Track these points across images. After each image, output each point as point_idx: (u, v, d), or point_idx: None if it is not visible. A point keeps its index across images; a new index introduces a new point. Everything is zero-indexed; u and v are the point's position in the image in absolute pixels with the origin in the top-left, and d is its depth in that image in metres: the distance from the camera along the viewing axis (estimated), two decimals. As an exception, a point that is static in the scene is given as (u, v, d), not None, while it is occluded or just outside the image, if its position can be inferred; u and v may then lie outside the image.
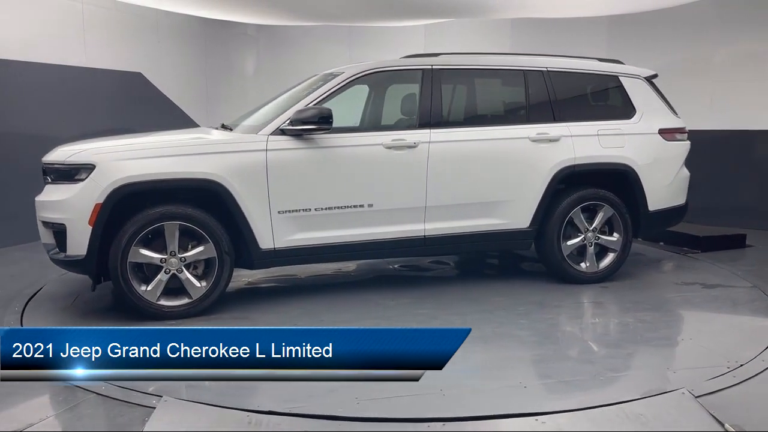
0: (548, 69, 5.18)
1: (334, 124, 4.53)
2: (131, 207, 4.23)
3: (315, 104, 4.58)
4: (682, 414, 2.97)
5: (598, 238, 5.15)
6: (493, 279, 5.70)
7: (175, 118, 8.61)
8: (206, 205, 4.36)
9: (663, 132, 5.29)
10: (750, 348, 3.76)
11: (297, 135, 4.49)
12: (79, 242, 4.15)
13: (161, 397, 3.09)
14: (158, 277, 4.27)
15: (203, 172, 4.27)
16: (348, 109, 5.44)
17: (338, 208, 4.57)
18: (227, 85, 10.27)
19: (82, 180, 4.17)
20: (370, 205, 4.65)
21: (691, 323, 4.56)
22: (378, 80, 5.22)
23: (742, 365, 3.51)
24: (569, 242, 5.09)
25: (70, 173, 4.23)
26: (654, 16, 8.17)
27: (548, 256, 5.13)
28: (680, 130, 5.44)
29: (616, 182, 5.20)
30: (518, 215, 4.98)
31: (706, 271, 5.70)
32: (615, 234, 5.17)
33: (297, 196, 4.49)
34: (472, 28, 9.52)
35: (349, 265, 5.98)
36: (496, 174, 4.92)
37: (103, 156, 4.25)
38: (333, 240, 4.61)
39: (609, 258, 5.20)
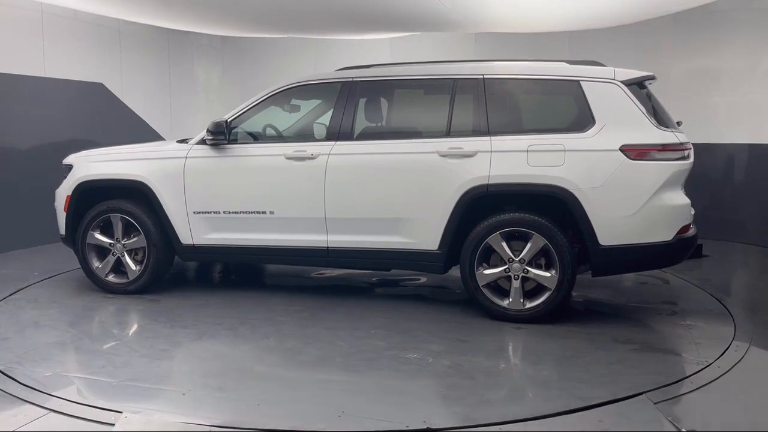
0: (485, 76, 4.63)
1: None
2: (101, 199, 5.24)
3: (238, 117, 5.04)
4: (642, 420, 3.03)
5: (527, 271, 4.45)
6: (421, 302, 5.14)
7: (138, 129, 8.50)
8: (143, 203, 5.16)
9: (627, 149, 4.25)
10: (707, 355, 3.86)
11: (214, 144, 5.00)
12: (61, 224, 5.37)
13: (121, 413, 3.04)
14: (107, 258, 5.26)
15: (133, 174, 5.13)
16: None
17: (243, 213, 4.96)
18: (192, 97, 10.18)
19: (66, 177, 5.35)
20: (272, 213, 4.90)
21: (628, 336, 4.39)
22: (304, 93, 5.18)
23: (699, 372, 3.60)
24: (487, 271, 4.50)
25: (66, 171, 5.39)
26: (614, 32, 8.37)
27: (463, 283, 4.61)
28: (661, 147, 4.29)
29: (555, 208, 4.41)
30: (424, 236, 4.61)
31: (661, 287, 5.81)
32: (551, 269, 4.39)
33: (208, 199, 5.02)
34: (436, 41, 9.62)
35: (336, 272, 6.09)
36: (396, 190, 4.63)
37: (78, 159, 5.40)
38: (240, 242, 5.03)
39: (542, 297, 4.41)
